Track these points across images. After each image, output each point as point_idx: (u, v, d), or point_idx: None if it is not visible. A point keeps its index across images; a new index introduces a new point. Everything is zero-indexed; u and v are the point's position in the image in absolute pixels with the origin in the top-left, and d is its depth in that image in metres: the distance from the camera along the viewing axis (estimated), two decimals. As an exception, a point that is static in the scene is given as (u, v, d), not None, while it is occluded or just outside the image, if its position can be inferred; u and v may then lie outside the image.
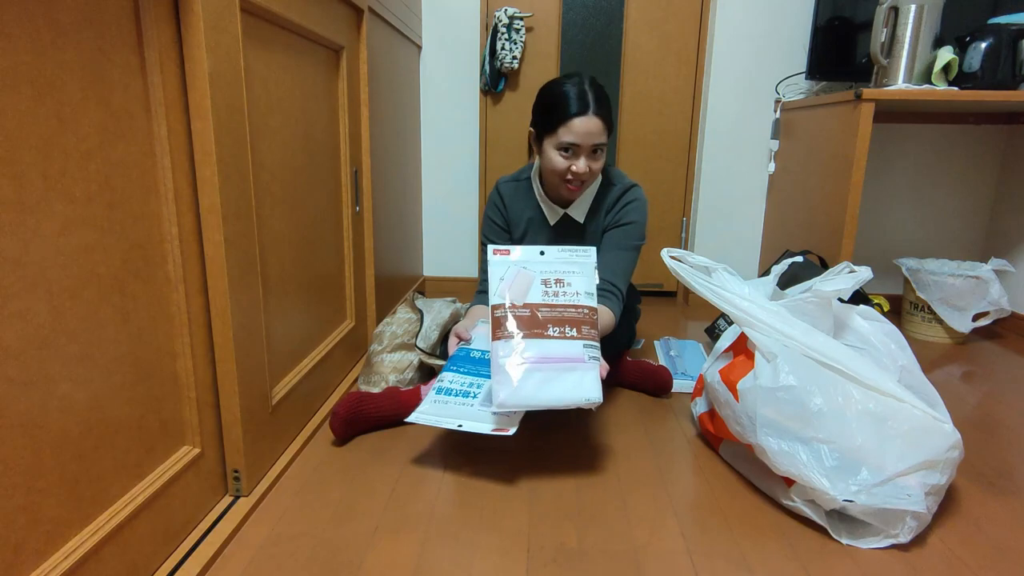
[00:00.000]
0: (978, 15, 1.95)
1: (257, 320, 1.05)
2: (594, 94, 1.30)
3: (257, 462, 1.08)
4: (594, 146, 1.30)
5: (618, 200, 1.42)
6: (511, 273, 1.16)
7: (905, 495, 0.95)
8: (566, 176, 1.33)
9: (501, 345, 1.10)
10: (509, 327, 1.11)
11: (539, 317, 1.12)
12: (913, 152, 2.33)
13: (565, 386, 1.07)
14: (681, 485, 1.15)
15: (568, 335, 1.11)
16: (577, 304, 1.15)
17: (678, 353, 1.77)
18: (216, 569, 0.91)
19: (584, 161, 1.31)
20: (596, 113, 1.28)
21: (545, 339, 1.10)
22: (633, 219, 1.41)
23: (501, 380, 1.07)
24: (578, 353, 1.10)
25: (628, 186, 1.43)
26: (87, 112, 0.72)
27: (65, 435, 0.71)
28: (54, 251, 0.68)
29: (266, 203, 1.11)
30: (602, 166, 1.35)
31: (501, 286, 1.15)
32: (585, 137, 1.28)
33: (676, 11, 2.30)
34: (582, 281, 1.17)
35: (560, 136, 1.30)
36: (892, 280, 2.40)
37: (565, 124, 1.29)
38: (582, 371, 1.09)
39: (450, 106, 2.39)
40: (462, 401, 1.16)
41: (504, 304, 1.13)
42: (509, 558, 0.94)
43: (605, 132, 1.30)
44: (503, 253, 1.18)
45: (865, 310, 1.21)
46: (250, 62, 1.04)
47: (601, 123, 1.29)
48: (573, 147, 1.30)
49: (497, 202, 1.50)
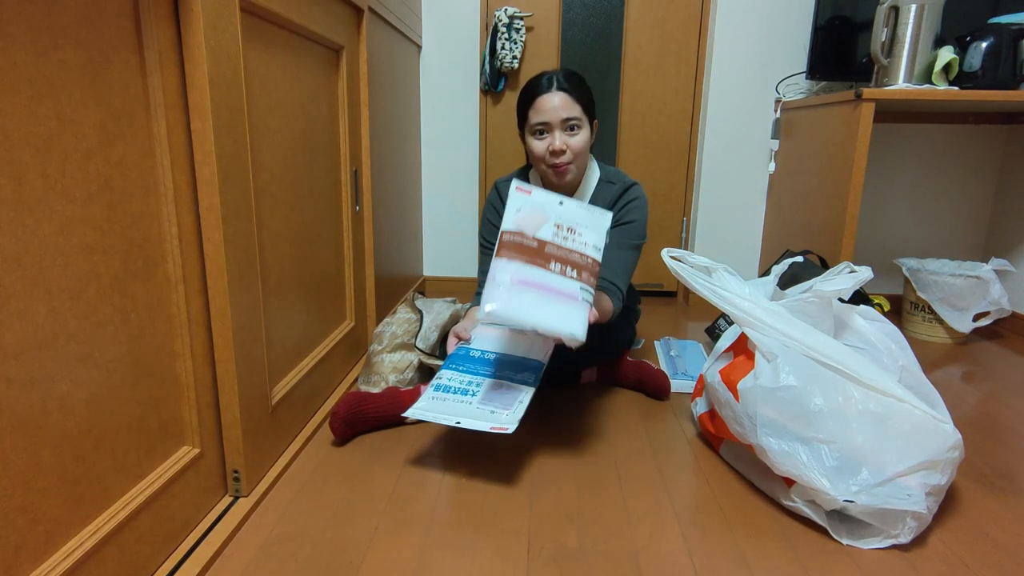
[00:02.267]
0: (978, 15, 1.95)
1: (257, 320, 1.05)
2: (560, 74, 1.31)
3: (257, 462, 1.08)
4: (564, 120, 1.29)
5: (619, 198, 1.42)
6: (527, 207, 1.16)
7: (905, 495, 0.95)
8: (548, 160, 1.33)
9: (502, 263, 1.10)
10: (514, 249, 1.11)
11: (544, 251, 1.13)
12: (913, 152, 2.33)
13: (553, 313, 1.07)
14: (681, 485, 1.15)
15: (568, 275, 1.12)
16: (583, 252, 1.15)
17: (678, 353, 1.77)
18: (216, 569, 0.91)
19: (559, 136, 1.30)
20: (559, 88, 1.29)
21: (545, 271, 1.11)
22: (634, 218, 1.40)
23: (494, 291, 1.07)
24: (574, 291, 1.11)
25: (628, 184, 1.42)
26: (87, 112, 0.72)
27: (65, 435, 0.71)
28: (54, 251, 0.68)
29: (266, 203, 1.11)
30: (583, 143, 1.33)
31: (517, 216, 1.15)
32: (551, 113, 1.29)
33: (676, 11, 2.30)
34: (593, 235, 1.17)
35: (531, 120, 1.32)
36: (892, 280, 2.40)
37: (532, 106, 1.31)
38: (574, 308, 1.09)
39: (450, 106, 2.39)
40: (460, 399, 1.16)
41: (514, 230, 1.13)
42: (509, 558, 0.94)
43: (575, 106, 1.29)
44: (524, 191, 1.18)
45: (865, 310, 1.21)
46: (250, 62, 1.03)
47: (567, 96, 1.28)
48: (544, 126, 1.31)
49: (495, 202, 1.49)
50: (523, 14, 2.24)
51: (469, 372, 1.22)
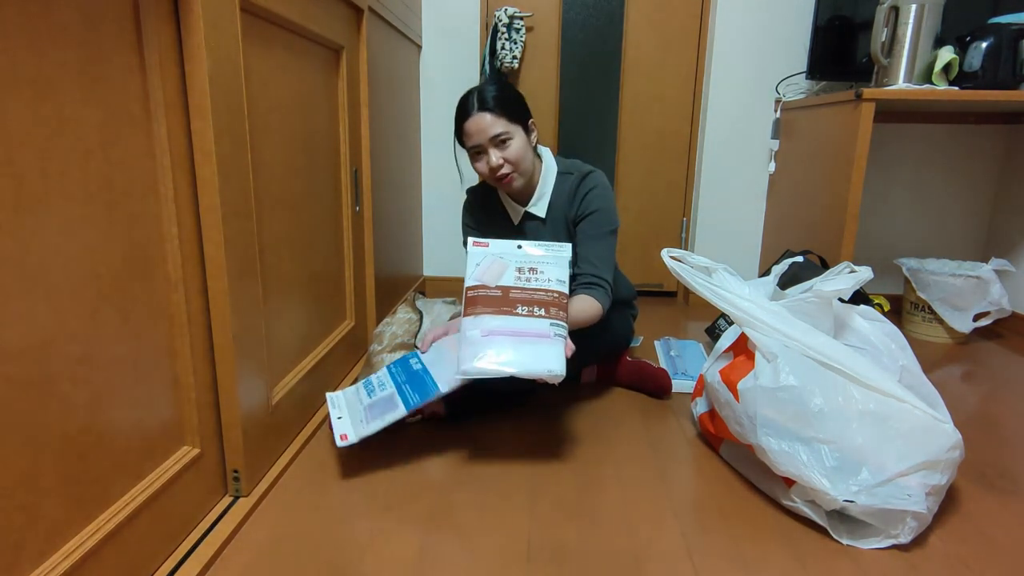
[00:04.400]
0: (978, 15, 1.95)
1: (257, 320, 1.05)
2: (478, 94, 1.32)
3: (257, 462, 1.08)
4: (492, 138, 1.31)
5: (577, 189, 1.41)
6: (487, 260, 1.19)
7: (905, 495, 0.95)
8: (491, 177, 1.36)
9: (469, 321, 1.12)
10: (479, 304, 1.14)
11: (509, 297, 1.15)
12: (913, 152, 2.33)
13: (528, 355, 1.08)
14: (681, 485, 1.15)
15: (536, 314, 1.14)
16: (548, 288, 1.17)
17: (678, 353, 1.77)
18: (216, 569, 0.91)
19: (493, 154, 1.32)
20: (481, 109, 1.30)
21: (513, 316, 1.12)
22: (597, 207, 1.38)
23: (466, 351, 1.08)
24: (544, 329, 1.12)
25: (585, 173, 1.42)
26: (87, 112, 0.72)
27: (65, 435, 0.71)
28: (54, 251, 0.68)
29: (266, 203, 1.11)
30: (518, 151, 1.33)
31: (477, 271, 1.18)
32: (480, 135, 1.31)
33: (676, 11, 2.30)
34: (555, 270, 1.21)
35: (466, 144, 1.36)
36: (892, 280, 2.40)
37: (463, 132, 1.34)
38: (547, 345, 1.10)
39: (450, 106, 2.37)
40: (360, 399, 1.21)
41: (476, 285, 1.16)
42: (509, 558, 0.94)
43: (499, 121, 1.30)
44: (482, 245, 1.22)
45: (866, 310, 1.20)
46: (250, 62, 1.03)
47: (488, 114, 1.30)
48: (477, 147, 1.34)
49: (468, 208, 1.54)
50: (523, 14, 2.24)
51: (393, 379, 1.23)
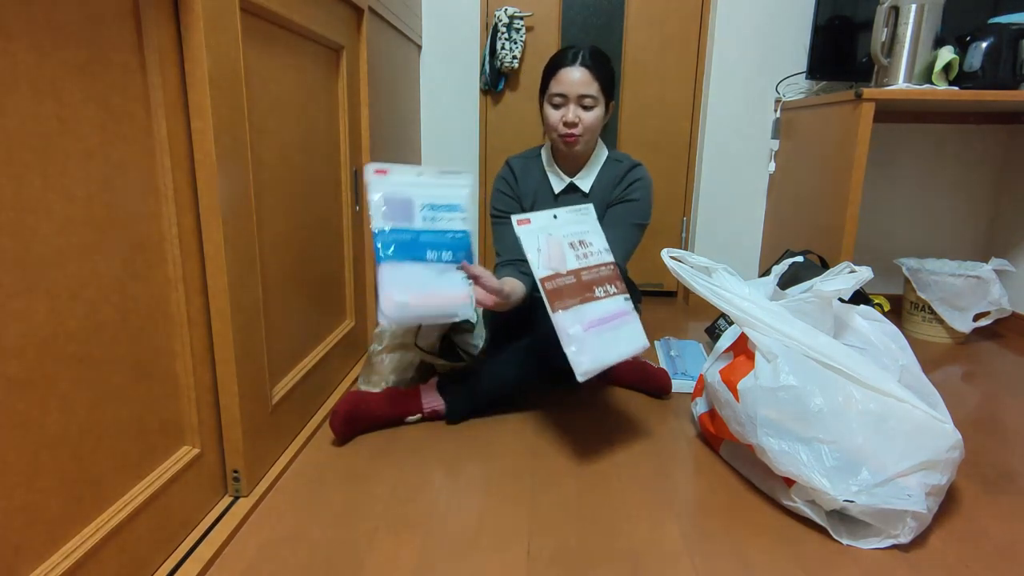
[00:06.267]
0: (978, 15, 1.95)
1: (257, 320, 1.05)
2: (586, 51, 1.36)
3: (257, 462, 1.08)
4: (580, 96, 1.35)
5: (625, 176, 1.46)
6: (544, 243, 1.19)
7: (905, 495, 0.95)
8: (560, 129, 1.39)
9: (565, 317, 1.13)
10: (563, 296, 1.15)
11: (583, 280, 1.18)
12: (913, 152, 2.33)
13: (625, 340, 1.18)
14: (681, 485, 1.15)
15: (611, 293, 1.20)
16: (605, 262, 1.24)
17: (678, 353, 1.77)
18: (216, 569, 0.91)
19: (573, 109, 1.36)
20: (582, 64, 1.35)
21: (596, 301, 1.18)
22: (638, 196, 1.45)
23: (579, 350, 1.11)
24: (623, 307, 1.21)
25: (634, 164, 1.48)
26: (87, 112, 0.72)
27: (65, 435, 0.71)
28: (54, 251, 0.68)
29: (266, 203, 1.11)
30: (595, 120, 1.38)
31: (541, 258, 1.17)
32: (570, 86, 1.35)
33: (676, 11, 2.30)
34: (598, 239, 1.26)
35: (551, 89, 1.39)
36: (892, 280, 2.40)
37: (555, 77, 1.38)
38: (631, 323, 1.20)
39: (450, 106, 2.39)
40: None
41: (549, 275, 1.16)
42: (509, 558, 0.94)
43: (593, 84, 1.35)
44: (525, 223, 1.20)
45: (866, 310, 1.20)
46: (250, 62, 1.03)
47: (588, 73, 1.34)
48: (561, 97, 1.37)
49: (507, 175, 1.55)
50: (523, 14, 2.24)
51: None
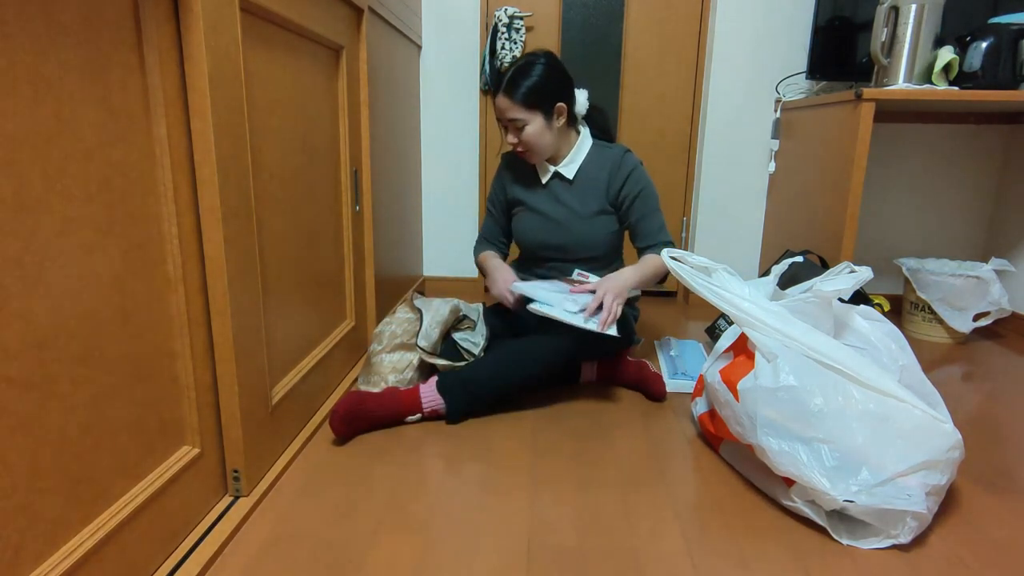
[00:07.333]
0: (978, 15, 1.95)
1: (257, 320, 1.05)
2: (509, 75, 1.44)
3: (257, 462, 1.08)
4: (510, 120, 1.45)
5: (619, 169, 1.53)
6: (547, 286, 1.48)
7: (905, 495, 0.95)
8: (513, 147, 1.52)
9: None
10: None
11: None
12: (913, 152, 2.33)
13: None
14: (681, 485, 1.15)
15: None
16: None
17: (678, 353, 1.77)
18: (216, 569, 0.91)
19: (511, 132, 1.48)
20: (503, 92, 1.44)
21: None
22: (643, 185, 1.54)
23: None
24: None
25: (623, 151, 1.55)
26: (87, 112, 0.72)
27: (65, 435, 0.71)
28: (54, 251, 0.68)
29: (266, 203, 1.11)
30: (532, 135, 1.46)
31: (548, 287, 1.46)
32: (500, 113, 1.47)
33: (676, 11, 2.30)
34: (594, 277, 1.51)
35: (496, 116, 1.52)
36: (892, 280, 2.40)
37: (494, 105, 1.50)
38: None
39: (450, 106, 2.39)
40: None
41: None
42: (509, 558, 0.94)
43: (515, 108, 1.43)
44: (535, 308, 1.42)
45: (865, 310, 1.20)
46: (250, 62, 1.03)
47: (507, 99, 1.43)
48: (500, 122, 1.50)
49: (501, 169, 1.67)
50: (523, 14, 2.24)
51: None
